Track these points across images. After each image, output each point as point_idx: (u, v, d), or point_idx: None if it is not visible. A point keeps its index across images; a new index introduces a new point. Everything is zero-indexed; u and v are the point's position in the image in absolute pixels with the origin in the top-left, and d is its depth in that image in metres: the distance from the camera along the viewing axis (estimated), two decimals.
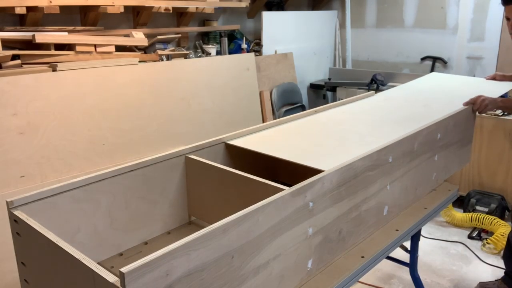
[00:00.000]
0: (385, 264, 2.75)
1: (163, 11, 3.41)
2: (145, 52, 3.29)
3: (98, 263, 1.00)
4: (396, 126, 1.86)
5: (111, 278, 0.91)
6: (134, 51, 3.22)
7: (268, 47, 4.31)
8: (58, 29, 2.86)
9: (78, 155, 2.65)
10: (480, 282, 2.70)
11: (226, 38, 3.88)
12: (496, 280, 2.67)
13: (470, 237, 3.28)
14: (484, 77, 2.67)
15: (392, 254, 1.98)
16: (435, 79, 2.82)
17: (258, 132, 1.84)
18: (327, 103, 3.10)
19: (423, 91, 2.50)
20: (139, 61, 3.04)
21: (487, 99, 2.16)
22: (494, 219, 3.18)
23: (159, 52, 3.30)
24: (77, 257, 0.99)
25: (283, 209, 1.20)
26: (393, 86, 4.18)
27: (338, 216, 1.43)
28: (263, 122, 3.87)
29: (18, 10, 2.63)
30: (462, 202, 3.51)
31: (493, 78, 2.61)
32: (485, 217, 3.22)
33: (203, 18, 4.08)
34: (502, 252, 3.04)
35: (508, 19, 2.25)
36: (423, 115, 2.00)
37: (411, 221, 1.87)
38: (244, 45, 4.04)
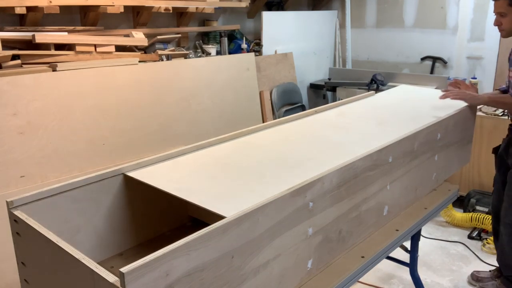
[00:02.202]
0: (385, 264, 2.75)
1: (163, 11, 3.41)
2: (145, 52, 3.29)
3: (98, 263, 1.00)
4: (334, 152, 1.61)
5: (111, 278, 0.91)
6: (134, 51, 3.22)
7: (268, 47, 4.31)
8: (58, 29, 2.86)
9: (78, 155, 2.65)
10: (474, 271, 2.74)
11: (226, 38, 3.88)
12: (489, 271, 2.71)
13: (470, 237, 3.27)
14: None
15: (392, 254, 1.98)
16: (403, 92, 2.64)
17: (178, 157, 1.59)
18: (327, 103, 3.10)
19: (384, 107, 2.30)
20: (139, 61, 3.04)
21: (470, 95, 2.15)
22: None
23: (159, 52, 3.30)
24: (77, 257, 0.99)
25: (283, 209, 1.21)
26: (393, 86, 4.18)
27: (338, 216, 1.43)
28: (263, 122, 3.87)
29: (18, 10, 2.62)
30: (462, 202, 3.51)
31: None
32: (485, 217, 3.22)
33: (203, 18, 4.08)
34: None
35: (500, 14, 2.18)
36: (372, 138, 1.72)
37: (411, 221, 1.87)
38: (244, 45, 4.04)
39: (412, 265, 2.32)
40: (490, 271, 2.72)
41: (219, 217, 1.09)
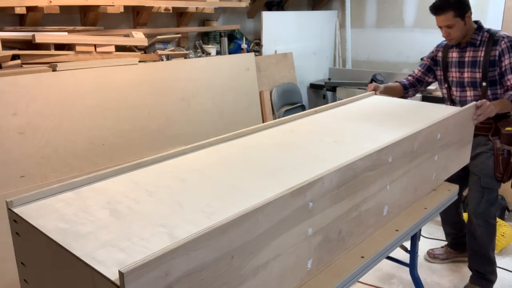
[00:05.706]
0: (385, 264, 2.75)
1: (163, 11, 3.41)
2: (145, 52, 3.29)
3: None
4: (269, 180, 1.42)
5: (111, 278, 0.91)
6: (134, 51, 3.22)
7: (268, 47, 4.31)
8: (58, 29, 2.86)
9: (78, 155, 2.65)
10: (429, 249, 2.99)
11: (226, 38, 3.88)
12: (442, 247, 2.97)
13: None
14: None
15: (392, 254, 1.98)
16: (375, 102, 2.45)
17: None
18: (327, 103, 3.10)
19: (347, 120, 2.09)
20: (139, 61, 3.04)
21: (492, 105, 2.20)
22: None
23: (159, 52, 3.30)
24: (77, 257, 0.99)
25: (283, 209, 1.20)
26: None
27: (338, 216, 1.43)
28: (263, 122, 3.87)
29: (18, 10, 2.62)
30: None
31: (374, 89, 2.58)
32: None
33: (203, 18, 4.08)
34: (502, 251, 3.05)
35: (440, 27, 2.44)
36: (323, 158, 1.57)
37: (411, 221, 1.86)
38: (244, 45, 4.04)
39: (412, 265, 2.32)
40: (442, 247, 2.99)
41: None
